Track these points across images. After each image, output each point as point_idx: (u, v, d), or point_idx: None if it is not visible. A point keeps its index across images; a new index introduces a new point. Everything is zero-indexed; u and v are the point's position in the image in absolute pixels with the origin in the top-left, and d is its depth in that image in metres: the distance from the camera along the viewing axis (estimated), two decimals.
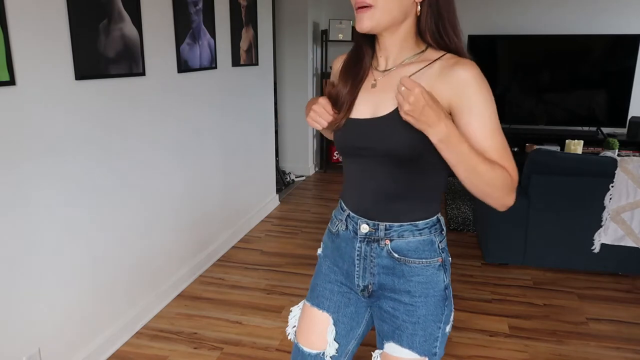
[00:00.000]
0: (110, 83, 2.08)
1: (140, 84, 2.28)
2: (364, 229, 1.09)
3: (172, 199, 2.63)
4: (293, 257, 3.22)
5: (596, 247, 2.82)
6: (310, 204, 4.37)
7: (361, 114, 1.06)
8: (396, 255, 1.07)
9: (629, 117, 4.62)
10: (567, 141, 3.83)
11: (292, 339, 1.26)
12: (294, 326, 1.27)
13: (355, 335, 1.20)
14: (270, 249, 3.34)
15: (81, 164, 1.95)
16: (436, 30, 1.01)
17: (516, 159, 1.00)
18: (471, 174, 0.94)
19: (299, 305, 1.29)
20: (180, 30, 2.58)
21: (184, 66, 2.63)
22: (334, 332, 1.17)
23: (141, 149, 2.33)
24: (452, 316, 1.12)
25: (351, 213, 1.13)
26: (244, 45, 3.39)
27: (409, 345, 1.07)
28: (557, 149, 4.16)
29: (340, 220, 1.16)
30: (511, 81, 4.96)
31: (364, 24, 0.99)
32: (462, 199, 4.27)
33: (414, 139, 0.96)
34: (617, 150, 3.86)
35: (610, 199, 2.73)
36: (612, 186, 2.71)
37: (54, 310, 1.87)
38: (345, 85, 1.09)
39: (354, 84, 1.09)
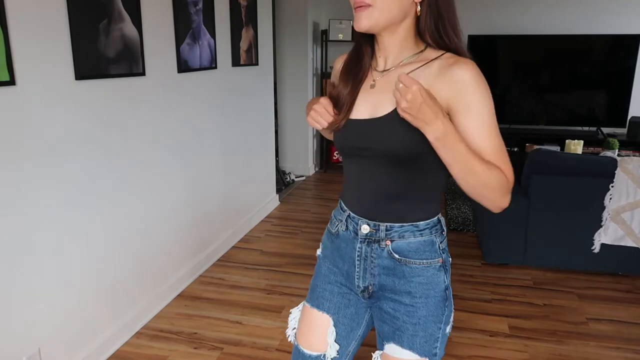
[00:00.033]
0: (110, 83, 2.08)
1: (140, 84, 2.28)
2: (365, 229, 1.09)
3: (172, 199, 2.63)
4: (293, 257, 3.22)
5: (596, 247, 2.82)
6: (310, 204, 4.37)
7: (360, 114, 1.06)
8: (397, 256, 1.06)
9: (629, 117, 4.62)
10: (567, 141, 3.83)
11: (293, 341, 1.25)
12: (294, 328, 1.26)
13: (355, 336, 1.20)
14: (270, 249, 3.35)
15: (81, 164, 1.95)
16: (436, 31, 1.01)
17: (516, 159, 1.00)
18: (467, 174, 0.94)
19: (298, 307, 1.28)
20: (180, 30, 2.58)
21: (184, 66, 2.63)
22: (335, 333, 1.17)
23: (141, 149, 2.33)
24: (452, 317, 1.12)
25: (351, 213, 1.12)
26: (244, 45, 3.39)
27: (409, 346, 1.07)
28: (557, 149, 4.16)
29: (340, 221, 1.16)
30: (511, 81, 4.96)
31: (362, 22, 0.98)
32: (462, 199, 4.26)
33: (413, 139, 0.96)
34: (617, 150, 3.86)
35: (610, 199, 2.73)
36: (612, 186, 2.72)
37: (54, 310, 1.87)
38: (346, 86, 1.09)
39: (354, 84, 1.08)
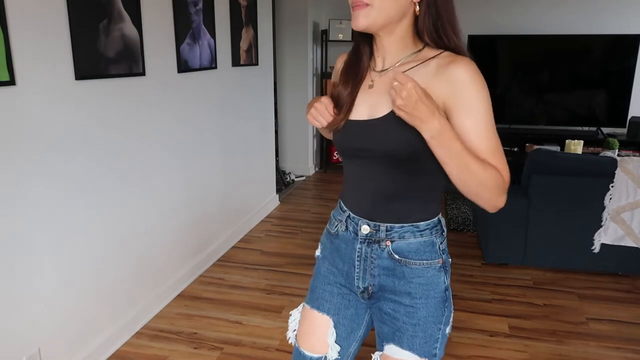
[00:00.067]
0: (110, 83, 2.08)
1: (140, 84, 2.28)
2: (365, 230, 1.08)
3: (172, 199, 2.63)
4: (293, 257, 3.22)
5: (596, 247, 2.82)
6: (310, 204, 4.37)
7: (359, 115, 1.06)
8: (397, 257, 1.06)
9: (629, 117, 4.62)
10: (567, 141, 3.83)
11: (293, 343, 1.24)
12: (295, 330, 1.26)
13: (356, 337, 1.19)
14: (270, 249, 3.34)
15: (81, 163, 1.95)
16: (434, 30, 1.00)
17: (516, 159, 0.99)
18: (463, 172, 0.93)
19: (298, 309, 1.28)
20: (180, 30, 2.58)
21: (184, 66, 2.63)
22: (335, 334, 1.16)
23: (141, 149, 2.33)
24: (451, 317, 1.12)
25: (351, 214, 1.12)
26: (244, 45, 3.39)
27: (409, 346, 1.06)
28: (557, 149, 4.15)
29: (339, 221, 1.15)
30: (511, 81, 4.96)
31: (359, 22, 0.98)
32: (462, 199, 4.26)
33: (411, 139, 0.95)
34: (617, 150, 3.86)
35: (610, 199, 2.73)
36: (612, 186, 2.71)
37: (54, 310, 1.87)
38: (346, 86, 1.08)
39: (353, 84, 1.08)
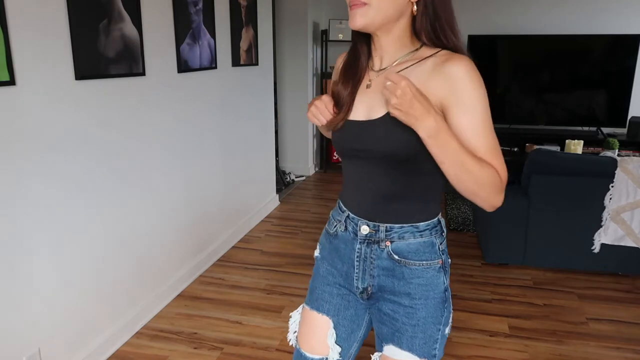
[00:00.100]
0: (110, 83, 2.08)
1: (140, 84, 2.28)
2: (364, 230, 1.08)
3: (172, 199, 2.63)
4: (293, 257, 3.22)
5: (596, 247, 2.82)
6: (310, 204, 4.37)
7: (357, 115, 1.06)
8: (396, 257, 1.06)
9: (629, 117, 4.62)
10: (567, 141, 3.83)
11: (294, 344, 1.24)
12: (295, 331, 1.25)
13: (356, 338, 1.19)
14: (270, 249, 3.35)
15: (81, 163, 1.95)
16: (432, 30, 1.00)
17: (516, 159, 0.99)
18: (459, 171, 0.93)
19: (298, 310, 1.28)
20: (180, 30, 2.58)
21: (184, 66, 2.63)
22: (335, 335, 1.16)
23: (141, 148, 2.33)
24: (451, 318, 1.11)
25: (351, 214, 1.11)
26: (244, 45, 3.39)
27: (408, 347, 1.06)
28: (557, 149, 4.15)
29: (339, 221, 1.15)
30: (511, 81, 4.96)
31: (356, 21, 0.97)
32: (462, 199, 4.26)
33: (410, 140, 0.95)
34: (617, 150, 3.86)
35: (610, 199, 2.73)
36: (612, 186, 2.71)
37: (54, 310, 1.87)
38: (346, 86, 1.08)
39: (353, 84, 1.08)
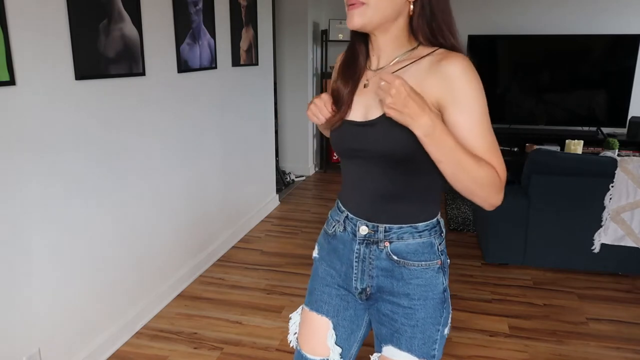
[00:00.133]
0: (110, 83, 2.08)
1: (140, 84, 2.29)
2: (363, 230, 1.07)
3: (172, 199, 2.63)
4: (293, 257, 3.22)
5: (596, 247, 2.82)
6: (310, 204, 4.37)
7: (355, 115, 1.05)
8: (395, 258, 1.06)
9: (629, 117, 4.62)
10: (567, 141, 3.83)
11: (295, 345, 1.24)
12: (295, 333, 1.25)
13: (356, 338, 1.19)
14: (270, 249, 3.35)
15: (81, 163, 1.95)
16: (429, 30, 0.99)
17: (516, 159, 0.98)
18: (457, 170, 0.92)
19: (297, 311, 1.27)
20: (180, 30, 2.58)
21: (184, 66, 2.63)
22: (334, 336, 1.16)
23: (141, 149, 2.33)
24: (450, 318, 1.11)
25: (350, 214, 1.11)
26: (244, 45, 3.39)
27: (407, 348, 1.06)
28: (557, 149, 4.15)
29: (337, 222, 1.14)
30: (511, 81, 4.96)
31: (354, 21, 0.97)
32: (462, 199, 4.26)
33: (407, 139, 0.94)
34: (617, 150, 3.86)
35: (610, 199, 2.73)
36: (612, 186, 2.71)
37: (54, 310, 1.87)
38: (346, 84, 1.08)
39: (353, 83, 1.08)
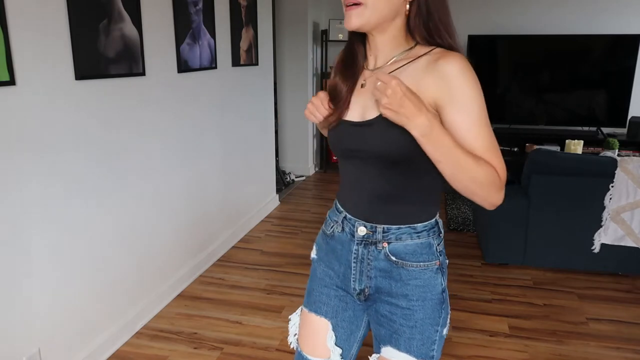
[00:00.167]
0: (110, 83, 2.08)
1: (140, 84, 2.29)
2: (362, 231, 1.07)
3: (172, 199, 2.63)
4: (293, 257, 3.22)
5: (596, 247, 2.82)
6: (310, 204, 4.37)
7: (352, 115, 1.05)
8: (394, 258, 1.05)
9: (629, 117, 4.62)
10: (567, 141, 3.83)
11: (295, 347, 1.24)
12: (295, 334, 1.25)
13: (356, 339, 1.19)
14: (270, 249, 3.35)
15: (81, 163, 1.95)
16: (425, 30, 0.99)
17: (516, 159, 0.98)
18: (455, 169, 0.92)
19: (297, 312, 1.27)
20: (180, 30, 2.58)
21: (184, 66, 2.63)
22: (334, 337, 1.16)
23: (141, 149, 2.33)
24: (448, 319, 1.11)
25: (348, 215, 1.11)
26: (244, 45, 3.39)
27: (406, 349, 1.06)
28: (557, 149, 4.15)
29: (335, 222, 1.14)
30: (511, 81, 4.96)
31: (352, 21, 0.97)
32: (462, 199, 4.26)
33: (404, 140, 0.94)
34: (617, 150, 3.86)
35: (610, 199, 2.73)
36: (612, 186, 2.71)
37: (54, 310, 1.87)
38: (344, 83, 1.08)
39: (352, 82, 1.08)
